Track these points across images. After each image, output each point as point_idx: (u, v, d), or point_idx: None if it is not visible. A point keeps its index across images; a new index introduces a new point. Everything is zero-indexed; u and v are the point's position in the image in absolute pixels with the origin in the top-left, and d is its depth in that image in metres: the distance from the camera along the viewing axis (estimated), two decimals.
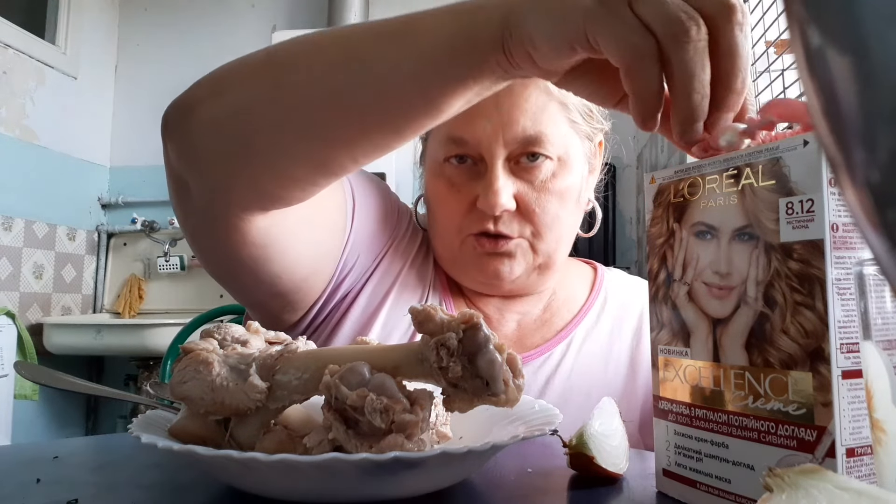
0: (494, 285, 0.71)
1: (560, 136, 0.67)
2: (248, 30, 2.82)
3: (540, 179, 0.67)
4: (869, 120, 0.12)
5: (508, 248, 0.67)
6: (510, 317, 0.75)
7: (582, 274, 0.82)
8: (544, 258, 0.70)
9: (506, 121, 0.65)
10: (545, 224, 0.67)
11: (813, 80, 0.13)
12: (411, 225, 0.77)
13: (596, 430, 0.45)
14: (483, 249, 0.68)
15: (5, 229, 2.36)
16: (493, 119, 0.65)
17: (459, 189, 0.68)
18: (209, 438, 0.43)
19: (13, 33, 2.38)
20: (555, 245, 0.70)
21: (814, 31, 0.13)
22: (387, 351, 0.43)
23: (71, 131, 2.66)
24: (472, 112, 0.60)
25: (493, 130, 0.65)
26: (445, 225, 0.70)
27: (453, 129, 0.66)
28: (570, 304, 0.77)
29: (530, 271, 0.70)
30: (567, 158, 0.68)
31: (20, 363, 0.62)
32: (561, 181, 0.67)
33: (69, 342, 2.35)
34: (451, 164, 0.68)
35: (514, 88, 0.65)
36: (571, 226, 0.72)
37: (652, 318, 0.42)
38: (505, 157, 0.66)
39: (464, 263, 0.70)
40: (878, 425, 0.28)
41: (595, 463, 0.43)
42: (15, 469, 0.48)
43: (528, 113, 0.65)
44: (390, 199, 0.75)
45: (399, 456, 0.35)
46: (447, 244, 0.71)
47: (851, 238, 0.32)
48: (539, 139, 0.65)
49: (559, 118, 0.67)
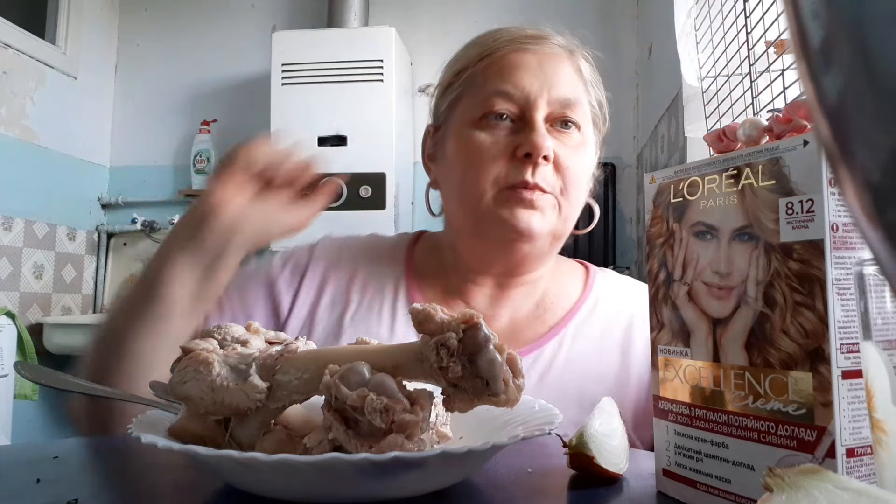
0: (516, 246, 0.71)
1: (584, 111, 0.73)
2: (248, 30, 2.82)
3: (572, 143, 0.72)
4: (869, 120, 0.12)
5: (542, 201, 0.69)
6: (502, 312, 0.76)
7: (574, 272, 0.83)
8: (563, 223, 0.72)
9: (550, 82, 0.70)
10: (573, 183, 0.71)
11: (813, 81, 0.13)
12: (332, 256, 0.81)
13: (596, 430, 0.44)
14: (518, 199, 0.69)
15: (5, 229, 2.36)
16: (539, 78, 0.70)
17: (498, 141, 0.70)
18: (209, 438, 0.43)
19: (13, 33, 2.38)
20: (572, 212, 0.73)
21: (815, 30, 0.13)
22: (387, 351, 0.43)
23: (71, 131, 2.66)
24: (516, 70, 0.70)
25: (538, 87, 0.70)
26: (480, 179, 0.70)
27: (498, 84, 0.71)
28: (562, 301, 0.78)
29: (550, 236, 0.72)
30: (586, 135, 0.74)
31: (20, 363, 0.62)
32: (583, 152, 0.73)
33: (69, 342, 2.35)
34: (489, 121, 0.71)
35: (553, 58, 0.72)
36: (581, 204, 0.75)
37: (652, 318, 0.42)
38: (545, 115, 0.70)
39: (492, 221, 0.70)
40: (878, 425, 0.28)
41: (595, 463, 0.43)
42: (15, 469, 0.48)
43: (568, 80, 0.72)
44: (270, 276, 0.80)
45: (399, 456, 0.35)
46: (478, 200, 0.70)
47: (851, 238, 0.32)
48: (575, 104, 0.71)
49: (584, 97, 0.73)
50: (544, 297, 0.78)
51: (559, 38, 0.75)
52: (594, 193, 0.79)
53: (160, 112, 2.86)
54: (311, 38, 2.43)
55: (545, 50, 0.73)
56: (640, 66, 2.52)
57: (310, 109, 2.35)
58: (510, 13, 2.68)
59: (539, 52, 0.72)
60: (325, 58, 2.37)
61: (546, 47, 0.73)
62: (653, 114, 2.17)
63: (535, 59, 0.71)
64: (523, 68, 0.71)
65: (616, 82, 2.56)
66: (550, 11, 2.64)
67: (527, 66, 0.71)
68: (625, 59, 2.58)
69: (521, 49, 0.72)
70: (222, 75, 2.80)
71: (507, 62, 0.72)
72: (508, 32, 0.75)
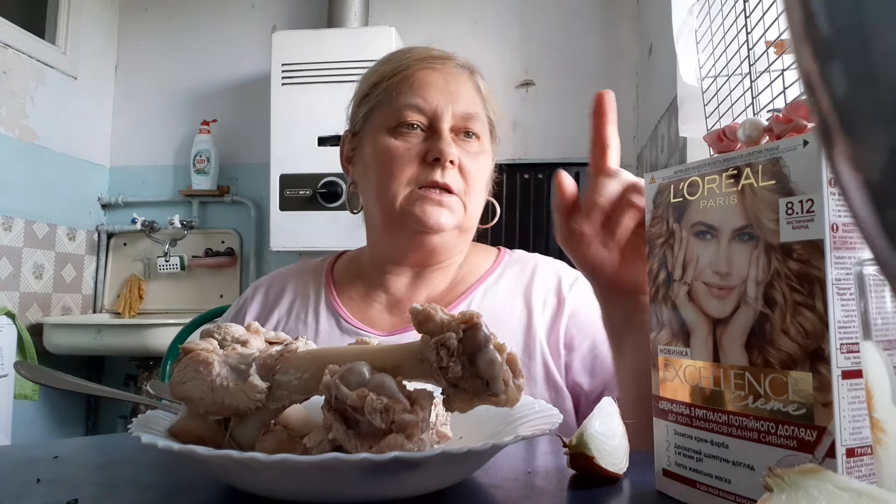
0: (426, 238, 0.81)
1: (484, 123, 0.85)
2: (248, 30, 2.81)
3: (473, 150, 0.82)
4: (869, 120, 0.12)
5: (450, 201, 0.80)
6: (420, 293, 0.87)
7: (488, 254, 0.93)
8: (468, 220, 0.83)
9: (454, 97, 0.81)
10: (475, 186, 0.82)
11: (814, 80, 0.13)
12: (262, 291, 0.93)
13: (596, 430, 0.44)
14: (429, 198, 0.79)
15: (5, 229, 2.36)
16: (444, 94, 0.81)
17: (411, 147, 0.80)
18: (209, 438, 0.43)
19: (13, 33, 2.38)
20: (476, 210, 0.84)
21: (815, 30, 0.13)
22: (387, 351, 0.43)
23: (71, 131, 2.66)
24: (426, 86, 0.81)
25: (444, 102, 0.81)
26: (395, 180, 0.80)
27: (410, 98, 0.81)
28: (472, 274, 0.89)
29: (456, 230, 0.83)
30: (485, 145, 0.85)
31: (20, 363, 0.62)
32: (483, 159, 0.84)
33: (69, 342, 2.35)
34: (402, 130, 0.81)
35: (457, 77, 0.83)
36: (483, 202, 0.87)
37: (652, 318, 0.42)
38: (450, 126, 0.81)
39: (406, 216, 0.80)
40: (878, 425, 0.28)
41: (595, 463, 0.43)
42: (15, 469, 0.48)
43: (468, 96, 0.83)
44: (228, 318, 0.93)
45: (399, 456, 0.35)
46: (393, 198, 0.80)
47: (851, 238, 0.32)
48: (475, 117, 0.82)
49: (482, 110, 0.84)
50: (457, 274, 0.89)
51: (461, 59, 0.86)
52: (493, 193, 0.91)
53: (160, 112, 2.86)
54: (311, 38, 2.43)
55: (449, 69, 0.83)
56: (640, 66, 2.52)
57: (310, 109, 2.36)
58: (510, 13, 2.68)
59: (444, 70, 0.83)
60: (325, 58, 2.37)
61: (450, 66, 0.84)
62: (653, 114, 2.17)
63: (442, 77, 0.82)
64: (431, 85, 0.81)
65: (616, 82, 2.58)
66: (550, 11, 2.64)
67: (434, 83, 0.81)
68: (625, 59, 2.58)
69: (429, 67, 0.83)
70: (222, 75, 2.80)
71: (417, 79, 0.82)
72: (418, 52, 0.86)
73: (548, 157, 2.58)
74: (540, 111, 2.62)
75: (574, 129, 2.59)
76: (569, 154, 2.58)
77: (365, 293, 0.88)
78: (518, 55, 2.64)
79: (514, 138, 2.63)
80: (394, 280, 0.87)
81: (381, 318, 0.85)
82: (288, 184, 2.38)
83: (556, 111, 2.61)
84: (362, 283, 0.89)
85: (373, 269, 0.89)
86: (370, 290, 0.88)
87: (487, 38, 2.66)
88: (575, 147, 2.58)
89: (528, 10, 2.66)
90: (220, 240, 2.77)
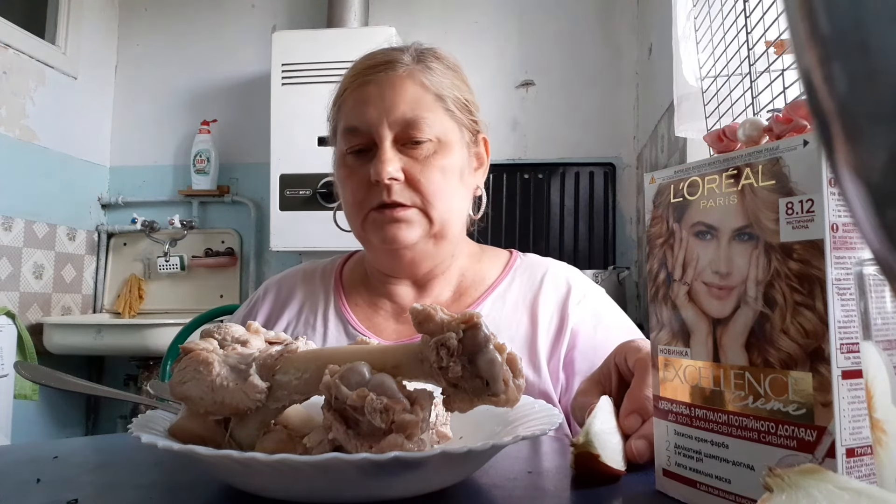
0: (398, 253, 0.80)
1: (437, 121, 0.79)
2: (248, 30, 2.82)
3: (423, 156, 0.78)
4: (869, 120, 0.12)
5: (404, 215, 0.78)
6: (423, 301, 0.84)
7: (496, 259, 0.90)
8: (439, 226, 0.80)
9: (389, 107, 0.77)
10: (431, 192, 0.78)
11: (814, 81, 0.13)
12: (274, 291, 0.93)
13: (599, 428, 0.45)
14: (383, 218, 0.78)
15: (5, 229, 2.36)
16: (379, 106, 0.78)
17: (357, 172, 0.79)
18: (209, 438, 0.43)
19: (13, 33, 2.38)
20: (447, 214, 0.80)
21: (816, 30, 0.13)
22: (387, 351, 0.43)
23: (71, 131, 2.66)
24: (361, 103, 0.79)
25: (378, 115, 0.77)
26: (351, 205, 0.81)
27: (349, 121, 0.80)
28: (478, 285, 0.86)
29: (427, 238, 0.80)
30: (446, 140, 0.80)
31: (20, 363, 0.62)
32: (441, 159, 0.79)
33: (69, 342, 2.35)
34: (350, 156, 0.80)
35: (395, 83, 0.78)
36: (459, 201, 0.82)
37: (652, 318, 0.42)
38: (392, 138, 0.78)
39: (369, 237, 0.80)
40: (878, 425, 0.28)
41: (600, 461, 0.43)
42: (15, 469, 0.48)
43: (407, 101, 0.78)
44: (241, 316, 0.93)
45: (399, 456, 0.35)
46: (355, 223, 0.81)
47: (851, 238, 0.32)
48: (417, 121, 0.77)
49: (436, 107, 0.79)
50: (463, 281, 0.87)
51: (405, 59, 0.81)
52: (480, 181, 0.88)
53: (160, 112, 2.86)
54: (311, 38, 2.43)
55: (388, 76, 0.79)
56: (640, 66, 2.52)
57: (310, 109, 2.35)
58: (510, 13, 2.68)
59: (381, 80, 0.79)
60: (325, 58, 2.37)
61: (389, 73, 0.79)
62: (653, 114, 2.17)
63: (377, 90, 0.79)
64: (365, 101, 0.79)
65: (616, 82, 2.58)
66: (551, 11, 2.64)
67: (368, 98, 0.79)
68: (625, 59, 2.58)
69: (366, 82, 0.80)
70: (222, 75, 2.80)
71: (354, 99, 0.80)
72: (358, 66, 0.83)
73: (548, 157, 2.58)
74: (540, 111, 2.62)
75: (574, 129, 2.59)
76: (569, 154, 2.58)
77: (370, 300, 0.87)
78: (518, 55, 2.64)
79: (513, 138, 2.63)
80: (396, 289, 0.86)
81: (387, 326, 0.84)
82: (288, 184, 2.38)
83: (556, 111, 2.61)
84: (367, 290, 0.89)
85: (375, 279, 0.88)
86: (375, 297, 0.87)
87: (487, 38, 2.66)
88: (575, 147, 2.59)
89: (528, 10, 2.66)
90: (220, 240, 2.77)
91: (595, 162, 2.56)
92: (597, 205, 2.52)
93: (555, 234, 2.50)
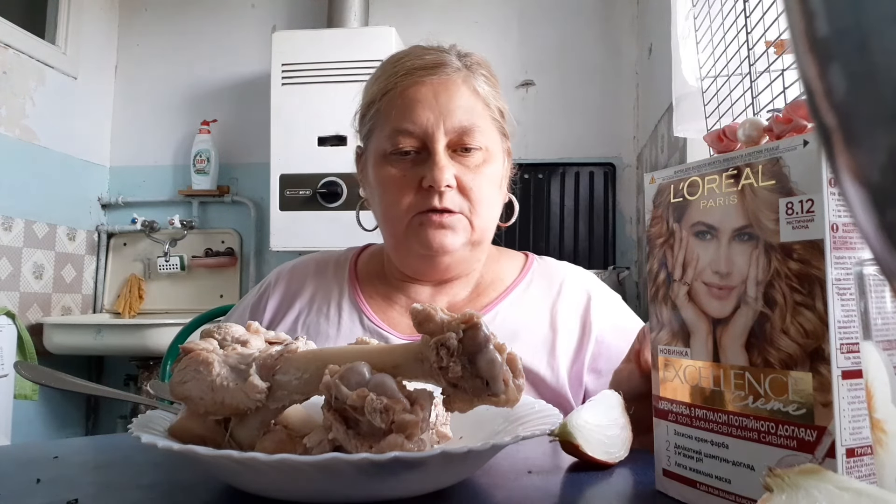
0: (436, 259, 0.80)
1: (487, 129, 0.80)
2: (248, 30, 2.81)
3: (474, 164, 0.78)
4: (869, 120, 0.12)
5: (452, 221, 0.77)
6: (441, 299, 0.85)
7: (514, 261, 0.90)
8: (479, 234, 0.80)
9: (445, 112, 0.76)
10: (480, 201, 0.78)
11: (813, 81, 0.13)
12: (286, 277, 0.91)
13: (584, 420, 0.46)
14: (431, 222, 0.77)
15: (5, 229, 2.36)
16: (434, 110, 0.76)
17: (406, 173, 0.78)
18: (209, 438, 0.43)
19: (13, 33, 2.38)
20: (486, 223, 0.81)
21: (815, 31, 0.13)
22: (387, 351, 0.43)
23: (71, 131, 2.66)
24: (414, 106, 0.77)
25: (434, 120, 0.76)
26: (396, 207, 0.78)
27: (399, 122, 0.77)
28: (496, 284, 0.86)
29: (467, 245, 0.80)
30: (491, 149, 0.80)
31: (20, 363, 0.62)
32: (488, 167, 0.80)
33: (69, 342, 2.35)
34: (396, 156, 0.78)
35: (449, 87, 0.78)
36: (497, 208, 0.83)
37: (652, 318, 0.42)
38: (445, 144, 0.77)
39: (411, 241, 0.79)
40: (878, 425, 0.28)
41: (582, 451, 0.45)
42: (15, 469, 0.48)
43: (463, 108, 0.78)
44: (250, 303, 0.91)
45: (399, 456, 0.35)
46: (397, 225, 0.79)
47: (851, 238, 0.32)
48: (472, 130, 0.77)
49: (485, 115, 0.80)
50: (481, 282, 0.87)
51: (455, 62, 0.80)
52: (511, 190, 0.89)
53: (160, 112, 2.86)
54: (311, 38, 2.43)
55: (441, 79, 0.78)
56: (640, 66, 2.52)
57: (310, 109, 2.36)
58: (510, 13, 2.68)
59: (434, 82, 0.78)
60: (325, 58, 2.37)
61: (442, 75, 0.78)
62: (653, 114, 2.17)
63: (431, 91, 0.77)
64: (420, 102, 0.77)
65: (616, 82, 2.58)
66: (550, 11, 2.64)
67: (423, 99, 0.77)
68: (625, 59, 2.58)
69: (418, 83, 0.78)
70: (222, 75, 2.80)
71: (405, 99, 0.78)
72: (406, 64, 0.80)
73: (548, 157, 2.58)
74: (540, 111, 2.62)
75: (574, 129, 2.59)
76: (569, 154, 2.58)
77: (386, 294, 0.87)
78: (518, 55, 2.64)
79: (513, 138, 2.63)
80: (414, 287, 0.86)
81: (402, 321, 0.84)
82: (288, 184, 2.38)
83: (556, 111, 2.61)
84: (383, 283, 0.88)
85: (393, 276, 0.87)
86: (391, 292, 0.86)
87: (487, 38, 2.66)
88: (575, 147, 2.59)
89: (528, 10, 2.66)
90: (220, 240, 2.77)
91: (595, 162, 2.56)
92: (597, 205, 2.52)
93: (555, 234, 2.50)
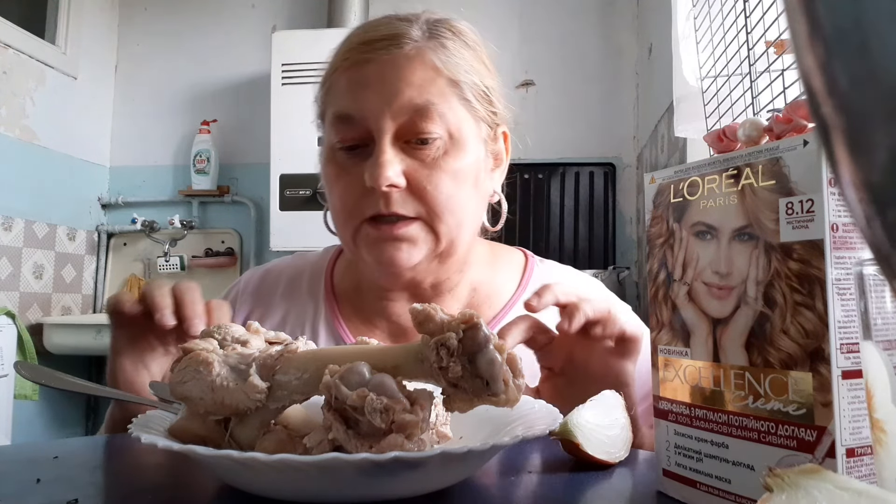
0: (392, 275, 0.67)
1: (450, 111, 0.64)
2: (248, 30, 2.82)
3: (431, 157, 0.63)
4: (869, 119, 0.12)
5: (406, 232, 0.63)
6: None
7: (512, 264, 0.78)
8: (446, 244, 0.65)
9: (391, 91, 0.62)
10: (440, 203, 0.63)
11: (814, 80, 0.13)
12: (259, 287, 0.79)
13: (584, 419, 0.46)
14: (379, 234, 0.63)
15: (5, 229, 2.36)
16: (378, 90, 0.62)
17: (349, 171, 0.64)
18: (209, 438, 0.43)
19: (13, 33, 2.38)
20: (456, 230, 0.65)
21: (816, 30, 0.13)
22: (387, 351, 0.43)
23: (71, 131, 2.66)
24: (356, 86, 0.63)
25: (377, 103, 0.62)
26: (339, 212, 0.66)
27: (340, 106, 0.65)
28: (493, 300, 0.73)
29: (431, 258, 0.66)
30: (460, 137, 0.64)
31: (20, 363, 0.62)
32: (453, 160, 0.64)
33: (69, 342, 2.35)
34: (341, 151, 0.66)
35: (400, 63, 0.63)
36: (472, 212, 0.68)
37: (652, 318, 0.42)
38: (394, 132, 0.63)
39: (362, 253, 0.66)
40: (878, 425, 0.28)
41: (581, 450, 0.45)
42: (15, 469, 0.48)
43: (414, 85, 0.62)
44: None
45: (399, 456, 0.35)
46: (344, 233, 0.67)
47: (851, 238, 0.32)
48: (427, 111, 0.62)
49: (449, 94, 0.64)
50: (474, 297, 0.73)
51: (415, 32, 0.65)
52: (502, 187, 0.74)
53: (160, 112, 2.86)
54: (311, 38, 2.43)
55: (391, 54, 0.63)
56: (640, 66, 2.52)
57: (310, 109, 2.35)
58: (510, 13, 2.68)
59: (383, 58, 0.63)
60: (326, 58, 2.36)
61: (393, 50, 0.63)
62: (653, 114, 2.17)
63: (376, 71, 0.63)
64: (360, 85, 0.63)
65: (616, 82, 2.58)
66: (551, 11, 2.64)
67: (364, 81, 0.63)
68: (625, 59, 2.58)
69: (361, 61, 0.64)
70: (222, 75, 2.80)
71: (345, 80, 0.65)
72: (353, 38, 0.67)
73: (548, 157, 2.58)
74: (540, 111, 2.62)
75: (574, 129, 2.59)
76: (569, 154, 2.58)
77: (365, 317, 0.74)
78: (518, 55, 2.64)
79: (513, 138, 2.63)
80: (394, 307, 0.73)
81: None
82: (288, 184, 2.38)
83: (556, 111, 2.61)
84: (361, 302, 0.75)
85: (369, 291, 0.74)
86: (370, 315, 0.74)
87: (487, 38, 2.65)
88: (575, 147, 2.59)
89: (528, 10, 2.66)
90: (220, 240, 2.77)
91: (595, 162, 2.56)
92: (597, 205, 2.52)
93: (555, 234, 2.50)
